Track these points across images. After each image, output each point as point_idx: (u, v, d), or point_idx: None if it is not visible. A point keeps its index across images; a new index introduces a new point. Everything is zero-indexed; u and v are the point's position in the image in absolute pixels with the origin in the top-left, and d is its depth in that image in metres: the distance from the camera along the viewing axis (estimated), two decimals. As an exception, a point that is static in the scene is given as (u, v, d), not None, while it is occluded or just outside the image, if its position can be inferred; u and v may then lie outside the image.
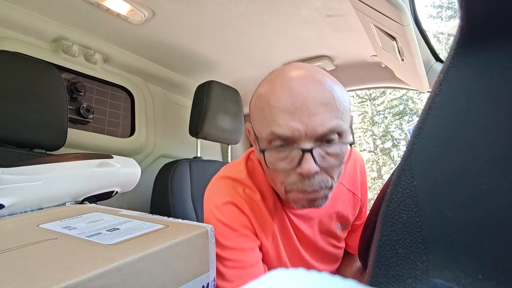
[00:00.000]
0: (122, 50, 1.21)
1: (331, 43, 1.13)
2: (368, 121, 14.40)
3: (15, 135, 0.80)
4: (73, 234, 0.37)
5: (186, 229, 0.39)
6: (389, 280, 0.21)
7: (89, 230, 0.38)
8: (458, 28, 0.22)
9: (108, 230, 0.39)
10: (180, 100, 1.55)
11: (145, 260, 0.31)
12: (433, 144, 0.21)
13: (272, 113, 0.47)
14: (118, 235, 0.36)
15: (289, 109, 0.45)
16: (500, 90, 0.20)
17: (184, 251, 0.36)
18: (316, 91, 0.46)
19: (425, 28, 0.94)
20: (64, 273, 0.26)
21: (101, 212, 0.50)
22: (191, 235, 0.38)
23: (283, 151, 0.48)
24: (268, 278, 0.13)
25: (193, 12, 0.98)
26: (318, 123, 0.45)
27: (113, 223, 0.42)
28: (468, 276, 0.18)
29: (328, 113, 0.46)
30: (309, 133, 0.45)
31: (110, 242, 0.34)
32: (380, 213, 0.23)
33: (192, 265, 0.37)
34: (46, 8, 0.95)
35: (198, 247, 0.38)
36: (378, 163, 13.97)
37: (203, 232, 0.40)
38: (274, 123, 0.47)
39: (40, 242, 0.34)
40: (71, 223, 0.43)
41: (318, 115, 0.45)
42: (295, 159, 0.47)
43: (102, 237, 0.36)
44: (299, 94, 0.46)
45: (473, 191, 0.19)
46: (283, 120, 0.46)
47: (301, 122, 0.45)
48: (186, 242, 0.37)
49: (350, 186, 0.67)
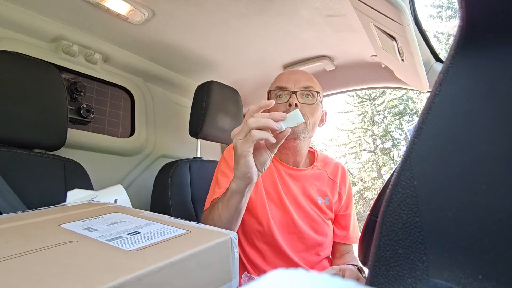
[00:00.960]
0: (122, 50, 1.21)
1: (331, 43, 1.13)
2: (368, 121, 14.39)
3: (15, 135, 0.80)
4: (94, 237, 0.37)
5: (208, 236, 0.38)
6: (389, 280, 0.21)
7: (110, 233, 0.38)
8: (458, 28, 0.22)
9: (129, 233, 0.38)
10: (180, 100, 1.55)
11: (166, 269, 0.30)
12: (433, 144, 0.21)
13: (278, 78, 0.92)
14: (139, 240, 0.36)
15: (285, 76, 0.90)
16: (500, 90, 0.20)
17: (206, 260, 0.35)
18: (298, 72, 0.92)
19: (425, 28, 0.94)
20: (83, 283, 0.25)
21: (122, 213, 0.49)
22: (214, 243, 0.37)
23: (280, 94, 0.87)
24: (268, 278, 0.13)
25: (193, 12, 0.98)
26: (299, 80, 0.87)
27: (134, 226, 0.42)
28: (468, 276, 0.18)
29: (307, 81, 0.87)
30: (296, 85, 0.86)
31: (131, 247, 0.33)
32: (380, 213, 0.23)
33: (214, 274, 0.36)
34: (46, 8, 0.95)
35: (221, 255, 0.37)
36: (378, 163, 13.97)
37: (226, 240, 0.38)
38: (277, 81, 0.90)
39: (60, 245, 0.34)
40: (92, 224, 0.42)
41: (301, 79, 0.87)
42: (286, 97, 0.85)
43: (123, 241, 0.35)
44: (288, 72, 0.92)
45: (473, 191, 0.19)
46: (281, 81, 0.88)
47: (290, 80, 0.87)
48: (208, 250, 0.35)
49: (331, 175, 0.95)
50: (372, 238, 0.23)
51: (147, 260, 0.30)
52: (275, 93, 0.88)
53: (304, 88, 0.85)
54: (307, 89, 0.85)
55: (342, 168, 0.98)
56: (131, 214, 0.49)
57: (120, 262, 0.29)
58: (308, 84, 0.86)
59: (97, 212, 0.50)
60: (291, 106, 0.82)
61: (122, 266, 0.28)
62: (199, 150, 1.33)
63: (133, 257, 0.31)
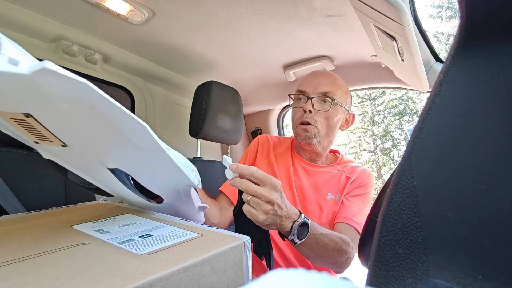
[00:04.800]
0: (122, 50, 1.21)
1: (331, 43, 1.13)
2: (368, 121, 14.39)
3: (15, 135, 0.80)
4: (105, 239, 0.36)
5: (221, 240, 0.37)
6: (389, 280, 0.21)
7: (121, 236, 0.38)
8: (458, 28, 0.22)
9: (140, 236, 0.38)
10: (180, 100, 1.55)
11: (178, 275, 0.29)
12: (433, 144, 0.21)
13: (302, 79, 0.95)
14: (151, 243, 0.35)
15: (307, 79, 0.93)
16: (500, 90, 0.20)
17: (219, 265, 0.34)
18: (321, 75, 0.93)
19: (425, 28, 0.94)
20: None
21: (134, 215, 0.49)
22: (227, 247, 0.36)
23: (300, 97, 0.92)
24: (268, 278, 0.13)
25: (193, 12, 0.98)
26: (318, 86, 0.88)
27: (146, 228, 0.41)
28: (468, 276, 0.18)
29: (326, 86, 0.88)
30: (314, 90, 0.88)
31: (142, 251, 0.33)
32: (380, 213, 0.23)
33: (226, 280, 0.35)
34: (46, 8, 0.95)
35: (235, 260, 0.36)
36: (378, 163, 13.96)
37: (239, 244, 0.38)
38: (301, 83, 0.93)
39: (72, 247, 0.34)
40: (103, 226, 0.42)
41: (320, 84, 0.89)
42: (303, 102, 0.89)
43: (134, 244, 0.35)
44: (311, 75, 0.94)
45: (473, 191, 0.19)
46: (302, 85, 0.92)
47: (310, 85, 0.90)
48: (221, 255, 0.35)
49: (349, 173, 0.93)
50: (372, 238, 0.23)
51: (158, 265, 0.30)
52: (296, 96, 0.92)
53: (322, 94, 0.87)
54: (325, 95, 0.87)
55: (365, 171, 0.95)
56: (142, 216, 0.49)
57: (131, 267, 0.29)
58: (327, 89, 0.87)
59: (109, 213, 0.50)
60: (305, 113, 0.87)
61: (133, 271, 0.28)
62: (199, 150, 1.33)
63: (144, 262, 0.30)
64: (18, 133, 0.41)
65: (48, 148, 0.42)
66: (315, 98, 0.87)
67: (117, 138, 0.36)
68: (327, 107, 0.87)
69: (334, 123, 0.89)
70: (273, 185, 0.55)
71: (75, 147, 0.39)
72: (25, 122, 0.35)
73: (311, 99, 0.87)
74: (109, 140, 0.37)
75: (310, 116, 0.87)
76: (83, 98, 0.30)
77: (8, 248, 0.33)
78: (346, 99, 0.92)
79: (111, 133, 0.35)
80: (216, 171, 1.31)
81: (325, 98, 0.87)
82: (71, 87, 0.28)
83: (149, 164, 0.42)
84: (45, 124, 0.35)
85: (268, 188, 0.55)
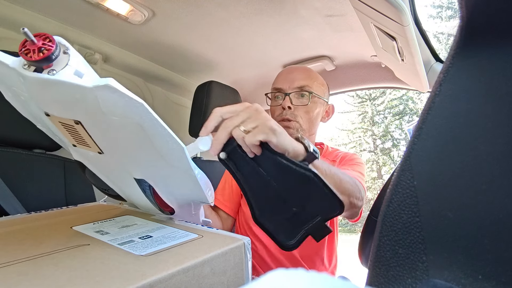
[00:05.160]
0: (122, 50, 1.21)
1: (331, 43, 1.13)
2: (368, 121, 14.39)
3: (15, 135, 0.80)
4: (105, 240, 0.36)
5: (221, 242, 0.37)
6: (389, 280, 0.21)
7: (121, 237, 0.38)
8: (458, 28, 0.22)
9: (140, 237, 0.38)
10: (180, 100, 1.55)
11: (179, 276, 0.29)
12: (433, 144, 0.21)
13: (276, 77, 0.93)
14: (151, 244, 0.35)
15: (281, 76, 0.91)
16: (500, 90, 0.20)
17: (219, 266, 0.34)
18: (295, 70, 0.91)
19: (425, 28, 0.94)
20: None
21: (134, 216, 0.49)
22: (228, 248, 0.36)
23: (277, 95, 0.90)
24: (268, 278, 0.13)
25: (193, 12, 0.98)
26: (294, 80, 0.86)
27: (146, 229, 0.41)
28: (468, 276, 0.18)
29: (302, 80, 0.86)
30: (290, 86, 0.86)
31: (142, 252, 0.33)
32: (380, 213, 0.23)
33: (227, 281, 0.35)
34: (46, 8, 0.95)
35: (235, 261, 0.36)
36: (378, 163, 13.97)
37: (239, 245, 0.38)
38: (275, 81, 0.92)
39: (72, 248, 0.34)
40: (104, 227, 0.42)
41: (296, 79, 0.87)
42: (281, 100, 0.87)
43: (134, 245, 0.35)
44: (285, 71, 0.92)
45: (473, 191, 0.19)
46: (277, 83, 0.90)
47: (285, 81, 0.88)
48: (221, 256, 0.35)
49: (331, 158, 0.93)
50: (372, 238, 0.23)
51: (159, 266, 0.30)
52: (272, 95, 0.91)
53: (299, 89, 0.85)
54: (302, 89, 0.86)
55: (347, 152, 0.93)
56: (142, 217, 0.48)
57: (131, 268, 0.29)
58: (303, 83, 0.86)
59: (109, 214, 0.50)
60: (284, 110, 0.85)
61: (133, 272, 0.28)
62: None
63: (144, 263, 0.30)
64: (58, 134, 0.42)
65: (83, 152, 0.43)
66: (293, 94, 0.85)
67: (152, 152, 0.37)
68: (305, 101, 0.86)
69: (314, 116, 0.88)
70: (243, 104, 0.45)
71: (110, 155, 0.40)
72: (72, 128, 0.36)
73: (288, 95, 0.85)
74: (144, 154, 0.38)
75: (290, 113, 0.85)
76: (134, 115, 0.31)
77: (8, 249, 0.33)
78: (323, 90, 0.91)
79: (148, 147, 0.36)
80: (216, 171, 1.31)
81: (302, 92, 0.86)
82: (126, 104, 0.29)
83: (174, 179, 0.43)
84: (90, 132, 0.36)
85: (239, 104, 0.45)
